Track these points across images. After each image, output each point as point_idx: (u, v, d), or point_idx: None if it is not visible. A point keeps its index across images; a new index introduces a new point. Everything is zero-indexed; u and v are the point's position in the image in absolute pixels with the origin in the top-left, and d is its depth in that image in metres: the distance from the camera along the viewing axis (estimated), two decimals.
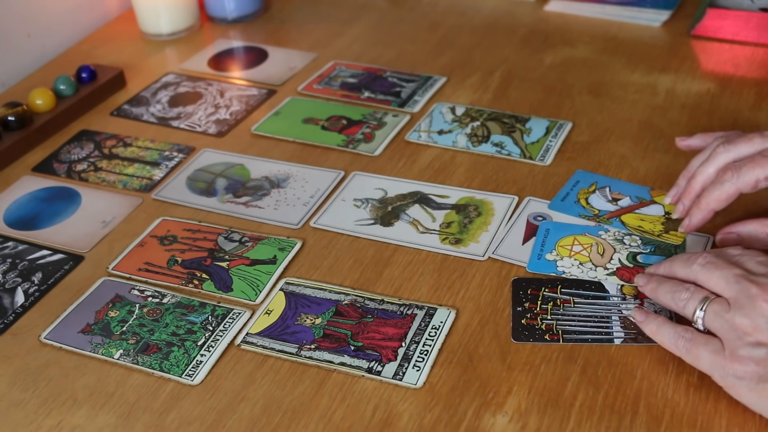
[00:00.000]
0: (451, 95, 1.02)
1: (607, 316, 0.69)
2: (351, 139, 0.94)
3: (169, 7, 1.18)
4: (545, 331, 0.68)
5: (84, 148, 0.96)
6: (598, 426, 0.60)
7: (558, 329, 0.68)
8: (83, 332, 0.71)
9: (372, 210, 0.83)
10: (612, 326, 0.68)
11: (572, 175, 0.84)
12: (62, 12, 1.19)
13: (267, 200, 0.86)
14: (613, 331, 0.67)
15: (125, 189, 0.89)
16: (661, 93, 0.99)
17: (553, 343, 0.66)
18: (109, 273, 0.78)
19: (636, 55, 1.08)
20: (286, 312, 0.72)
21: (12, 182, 0.91)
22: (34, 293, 0.76)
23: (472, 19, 1.20)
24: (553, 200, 0.80)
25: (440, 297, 0.72)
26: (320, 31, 1.20)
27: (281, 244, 0.79)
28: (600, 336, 0.67)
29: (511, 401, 0.62)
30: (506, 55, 1.10)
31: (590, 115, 0.96)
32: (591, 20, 1.17)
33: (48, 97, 0.99)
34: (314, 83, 1.06)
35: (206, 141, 0.97)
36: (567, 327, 0.68)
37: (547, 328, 0.68)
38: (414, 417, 0.62)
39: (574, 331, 0.67)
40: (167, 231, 0.82)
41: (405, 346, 0.67)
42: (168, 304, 0.73)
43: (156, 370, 0.67)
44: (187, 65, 1.13)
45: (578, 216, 0.78)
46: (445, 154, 0.91)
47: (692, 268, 0.63)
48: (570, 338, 0.67)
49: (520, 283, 0.73)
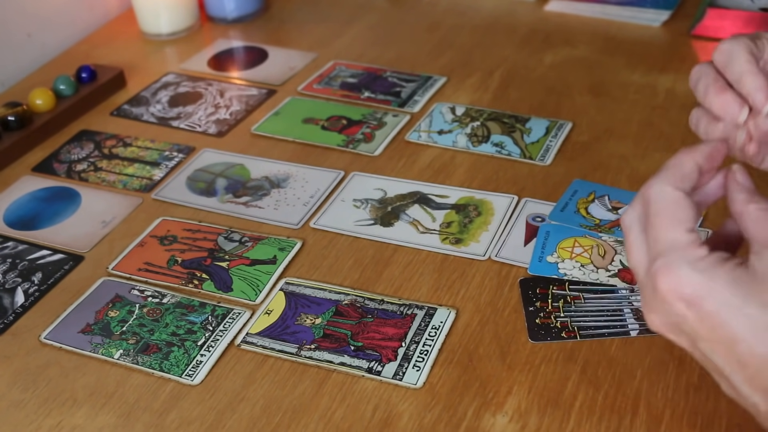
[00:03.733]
0: (451, 95, 1.02)
1: (619, 309, 0.69)
2: (351, 139, 0.94)
3: (169, 7, 1.18)
4: (561, 329, 0.68)
5: (84, 148, 0.96)
6: (598, 426, 0.60)
7: (573, 326, 0.68)
8: (83, 332, 0.71)
9: (372, 210, 0.83)
10: (626, 319, 0.68)
11: (569, 185, 0.84)
12: (62, 12, 1.19)
13: (267, 200, 0.86)
14: (627, 324, 0.67)
15: (125, 189, 0.89)
16: (661, 93, 0.99)
17: (570, 341, 0.67)
18: (109, 273, 0.78)
19: (636, 55, 1.08)
20: (286, 312, 0.72)
21: (12, 182, 0.91)
22: (34, 293, 0.76)
23: (472, 19, 1.20)
24: (552, 211, 0.80)
25: (440, 297, 0.72)
26: (320, 31, 1.20)
27: (281, 244, 0.79)
28: (616, 330, 0.67)
29: (511, 401, 0.62)
30: (506, 55, 1.10)
31: (590, 115, 0.96)
32: (591, 20, 1.18)
33: (48, 97, 0.99)
34: (314, 83, 1.06)
35: (206, 141, 0.97)
36: (582, 323, 0.68)
37: (562, 326, 0.68)
38: (414, 417, 0.62)
39: (589, 327, 0.67)
40: (167, 231, 0.82)
41: (405, 346, 0.67)
42: (168, 304, 0.73)
43: (156, 370, 0.67)
44: (187, 65, 1.13)
45: (579, 226, 0.78)
46: (445, 154, 0.91)
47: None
48: (587, 334, 0.67)
49: (527, 282, 0.73)
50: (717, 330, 0.46)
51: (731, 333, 0.45)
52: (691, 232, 0.47)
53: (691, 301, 0.46)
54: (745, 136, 0.56)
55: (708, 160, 0.50)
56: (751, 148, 0.56)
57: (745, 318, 0.45)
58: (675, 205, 0.48)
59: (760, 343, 0.45)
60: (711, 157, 0.50)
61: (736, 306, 0.45)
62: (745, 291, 0.45)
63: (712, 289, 0.46)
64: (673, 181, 0.49)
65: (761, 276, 0.45)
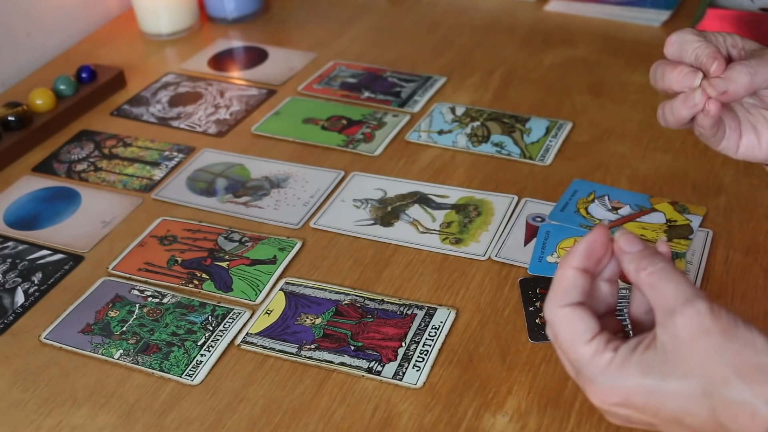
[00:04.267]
0: (451, 95, 1.02)
1: (619, 309, 0.69)
2: (351, 139, 0.94)
3: (169, 7, 1.18)
4: None
5: (84, 148, 0.96)
6: (598, 426, 0.60)
7: None
8: (83, 332, 0.71)
9: (372, 210, 0.83)
10: (626, 319, 0.68)
11: (569, 185, 0.84)
12: (62, 12, 1.19)
13: (267, 200, 0.86)
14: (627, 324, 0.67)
15: (125, 189, 0.89)
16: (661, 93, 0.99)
17: None
18: (109, 273, 0.78)
19: (636, 55, 1.08)
20: (286, 312, 0.72)
21: (12, 182, 0.91)
22: (34, 293, 0.76)
23: (472, 19, 1.20)
24: (552, 211, 0.80)
25: (440, 297, 0.72)
26: (320, 31, 1.20)
27: (281, 244, 0.79)
28: None
29: (511, 401, 0.62)
30: (506, 55, 1.10)
31: (590, 115, 0.96)
32: (591, 20, 1.17)
33: (48, 97, 0.99)
34: (314, 83, 1.06)
35: (206, 141, 0.97)
36: None
37: None
38: (414, 417, 0.62)
39: None
40: (167, 231, 0.82)
41: (405, 346, 0.67)
42: (168, 304, 0.73)
43: (156, 370, 0.67)
44: (187, 65, 1.13)
45: (579, 227, 0.78)
46: (445, 154, 0.91)
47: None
48: None
49: (527, 282, 0.73)
50: (660, 413, 0.46)
51: (672, 413, 0.46)
52: (590, 343, 0.48)
53: (622, 403, 0.47)
54: (703, 96, 0.59)
55: (587, 258, 0.50)
56: (711, 107, 0.59)
57: (673, 396, 0.45)
58: (567, 323, 0.49)
59: (701, 410, 0.45)
60: (590, 253, 0.50)
61: (659, 390, 0.46)
62: (661, 372, 0.46)
63: (630, 387, 0.46)
64: (557, 301, 0.49)
65: (670, 349, 0.45)
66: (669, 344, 0.46)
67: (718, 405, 0.44)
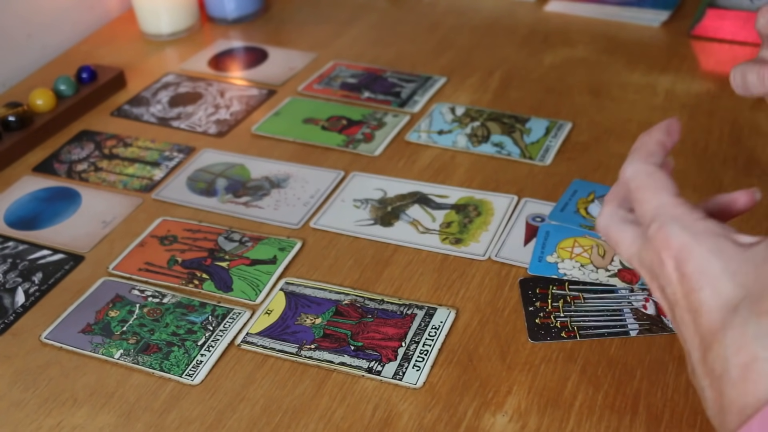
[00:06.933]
0: (451, 95, 1.02)
1: (619, 309, 0.69)
2: (351, 139, 0.94)
3: (169, 8, 1.18)
4: (560, 328, 0.68)
5: (84, 148, 0.97)
6: (598, 426, 0.60)
7: (573, 326, 0.68)
8: (83, 332, 0.71)
9: (372, 210, 0.83)
10: (625, 319, 0.68)
11: (569, 185, 0.84)
12: (62, 12, 1.19)
13: (267, 200, 0.86)
14: (627, 324, 0.68)
15: (125, 189, 0.89)
16: (661, 93, 0.99)
17: (569, 341, 0.67)
18: (109, 273, 0.78)
19: (636, 55, 1.08)
20: (286, 312, 0.72)
21: (12, 182, 0.91)
22: (34, 293, 0.76)
23: (472, 19, 1.21)
24: (552, 211, 0.80)
25: (440, 297, 0.72)
26: (320, 31, 1.20)
27: (281, 244, 0.79)
28: (616, 330, 0.67)
29: (510, 401, 0.62)
30: (506, 56, 1.10)
31: (590, 116, 0.96)
32: (591, 20, 1.18)
33: (48, 97, 0.99)
34: (314, 83, 1.06)
35: (206, 141, 0.97)
36: (581, 323, 0.68)
37: (562, 326, 0.68)
38: (414, 417, 0.62)
39: (589, 327, 0.68)
40: (167, 231, 0.82)
41: (405, 346, 0.67)
42: (168, 304, 0.73)
43: (156, 370, 0.67)
44: (187, 65, 1.13)
45: (579, 227, 0.78)
46: (445, 154, 0.91)
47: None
48: (586, 334, 0.67)
49: (527, 282, 0.73)
50: (689, 296, 0.45)
51: (698, 302, 0.44)
52: (678, 196, 0.48)
53: (678, 260, 0.45)
54: None
55: (668, 134, 0.52)
56: None
57: (714, 291, 0.44)
58: (653, 176, 0.49)
59: (717, 320, 0.43)
60: (669, 132, 0.52)
61: (712, 275, 0.44)
62: (730, 266, 0.44)
63: (700, 252, 0.44)
64: (644, 159, 0.50)
65: (760, 260, 0.43)
66: (761, 255, 0.44)
67: (732, 326, 0.42)
